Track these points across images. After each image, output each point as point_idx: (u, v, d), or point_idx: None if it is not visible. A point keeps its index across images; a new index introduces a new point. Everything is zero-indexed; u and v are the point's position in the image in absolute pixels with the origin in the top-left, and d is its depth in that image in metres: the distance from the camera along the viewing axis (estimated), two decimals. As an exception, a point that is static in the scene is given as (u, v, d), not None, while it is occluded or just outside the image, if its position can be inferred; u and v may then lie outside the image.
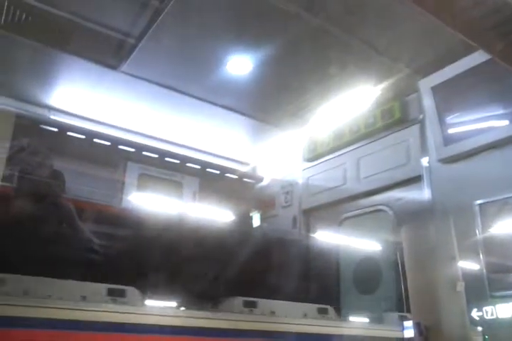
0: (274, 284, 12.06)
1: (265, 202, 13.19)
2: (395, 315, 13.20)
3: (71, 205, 11.17)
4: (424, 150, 9.87)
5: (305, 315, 12.11)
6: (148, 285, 10.18)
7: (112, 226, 10.36)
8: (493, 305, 8.90)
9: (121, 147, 12.52)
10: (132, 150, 12.60)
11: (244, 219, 13.02)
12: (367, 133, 11.17)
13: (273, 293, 11.70)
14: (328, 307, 12.20)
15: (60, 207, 11.30)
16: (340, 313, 12.41)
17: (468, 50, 8.49)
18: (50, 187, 11.83)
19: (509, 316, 8.63)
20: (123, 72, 10.29)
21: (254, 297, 11.70)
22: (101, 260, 9.84)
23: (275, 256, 12.40)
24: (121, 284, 9.21)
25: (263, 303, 11.91)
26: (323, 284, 14.14)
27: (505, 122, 8.47)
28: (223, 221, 12.56)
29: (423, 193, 9.89)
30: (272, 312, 11.65)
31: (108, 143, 12.41)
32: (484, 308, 9.14)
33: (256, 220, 13.07)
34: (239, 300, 11.28)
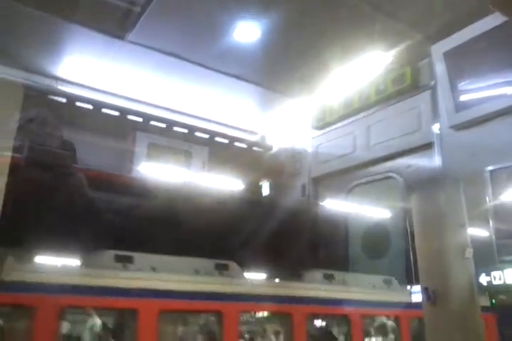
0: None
1: (274, 171, 13.19)
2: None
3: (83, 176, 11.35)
4: (435, 116, 9.76)
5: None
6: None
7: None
8: (502, 270, 8.99)
9: (129, 117, 12.50)
10: (140, 120, 12.57)
11: (254, 188, 13.11)
12: (377, 100, 11.01)
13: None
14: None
15: (72, 177, 11.48)
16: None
17: (480, 14, 8.26)
18: (61, 157, 11.96)
19: (517, 281, 8.73)
20: (129, 41, 10.17)
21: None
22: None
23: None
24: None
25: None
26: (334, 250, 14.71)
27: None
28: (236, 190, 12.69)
29: (433, 160, 9.85)
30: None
31: (116, 113, 12.39)
32: (492, 273, 9.24)
33: (265, 189, 13.12)
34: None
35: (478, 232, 13.17)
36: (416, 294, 12.61)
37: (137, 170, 12.24)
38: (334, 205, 13.15)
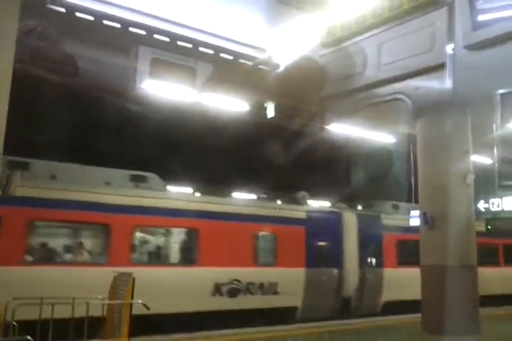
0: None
1: (280, 92, 12.76)
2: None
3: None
4: (450, 35, 9.16)
5: None
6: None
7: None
8: (500, 197, 8.86)
9: (132, 30, 11.96)
10: (143, 33, 12.02)
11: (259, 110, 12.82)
12: (391, 17, 10.32)
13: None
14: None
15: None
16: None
17: None
18: (62, 72, 11.69)
19: (514, 208, 8.63)
20: None
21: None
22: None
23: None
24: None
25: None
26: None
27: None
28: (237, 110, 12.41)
29: (444, 82, 9.40)
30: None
31: (118, 26, 11.85)
32: (491, 200, 9.14)
33: (270, 111, 12.78)
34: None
35: (482, 159, 12.92)
36: (414, 218, 12.73)
37: (140, 87, 11.96)
38: (340, 128, 12.86)
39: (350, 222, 13.68)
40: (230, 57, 12.44)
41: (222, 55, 12.42)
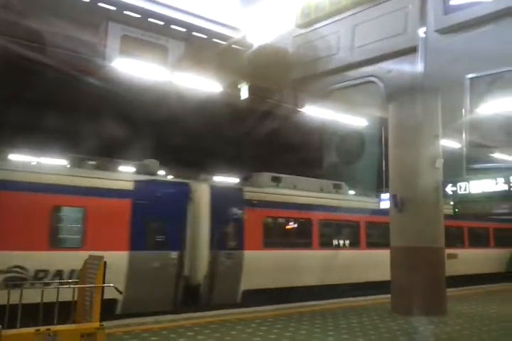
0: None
1: (254, 73, 12.62)
2: None
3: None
4: (422, 19, 9.17)
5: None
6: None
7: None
8: (468, 181, 9.08)
9: (100, 4, 11.57)
10: (113, 8, 11.65)
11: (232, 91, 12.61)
12: (365, -2, 10.25)
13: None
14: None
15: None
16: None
17: None
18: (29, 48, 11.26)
19: (479, 191, 8.86)
20: None
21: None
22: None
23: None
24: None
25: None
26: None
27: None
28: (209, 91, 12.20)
29: (415, 66, 9.46)
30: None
31: (87, 0, 11.46)
32: (459, 184, 9.36)
33: (244, 92, 12.62)
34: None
35: (451, 144, 13.18)
36: (384, 201, 12.94)
37: (110, 65, 11.63)
38: (313, 111, 12.84)
39: (200, 195, 11.66)
40: (203, 36, 12.21)
41: (194, 33, 12.18)
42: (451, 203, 10.97)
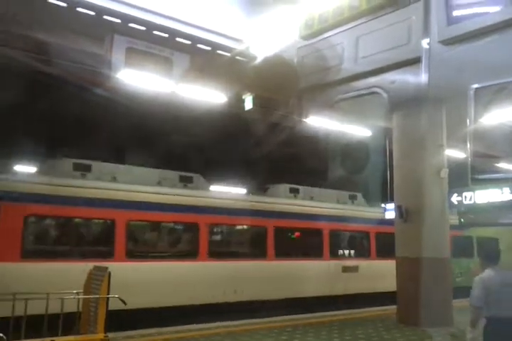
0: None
1: (258, 84, 12.68)
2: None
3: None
4: (426, 30, 9.23)
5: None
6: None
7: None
8: (473, 191, 9.03)
9: (106, 18, 11.71)
10: (118, 21, 11.80)
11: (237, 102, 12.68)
12: (368, 10, 10.32)
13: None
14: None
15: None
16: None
17: None
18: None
19: (485, 201, 8.80)
20: None
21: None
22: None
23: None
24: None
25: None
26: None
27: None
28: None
29: (419, 76, 9.49)
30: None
31: (92, 13, 11.60)
32: (464, 194, 9.30)
33: (248, 103, 12.68)
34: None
35: (456, 153, 13.15)
36: (389, 211, 12.88)
37: (115, 77, 11.74)
38: (317, 121, 12.87)
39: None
40: (208, 48, 12.31)
41: (199, 45, 12.28)
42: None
